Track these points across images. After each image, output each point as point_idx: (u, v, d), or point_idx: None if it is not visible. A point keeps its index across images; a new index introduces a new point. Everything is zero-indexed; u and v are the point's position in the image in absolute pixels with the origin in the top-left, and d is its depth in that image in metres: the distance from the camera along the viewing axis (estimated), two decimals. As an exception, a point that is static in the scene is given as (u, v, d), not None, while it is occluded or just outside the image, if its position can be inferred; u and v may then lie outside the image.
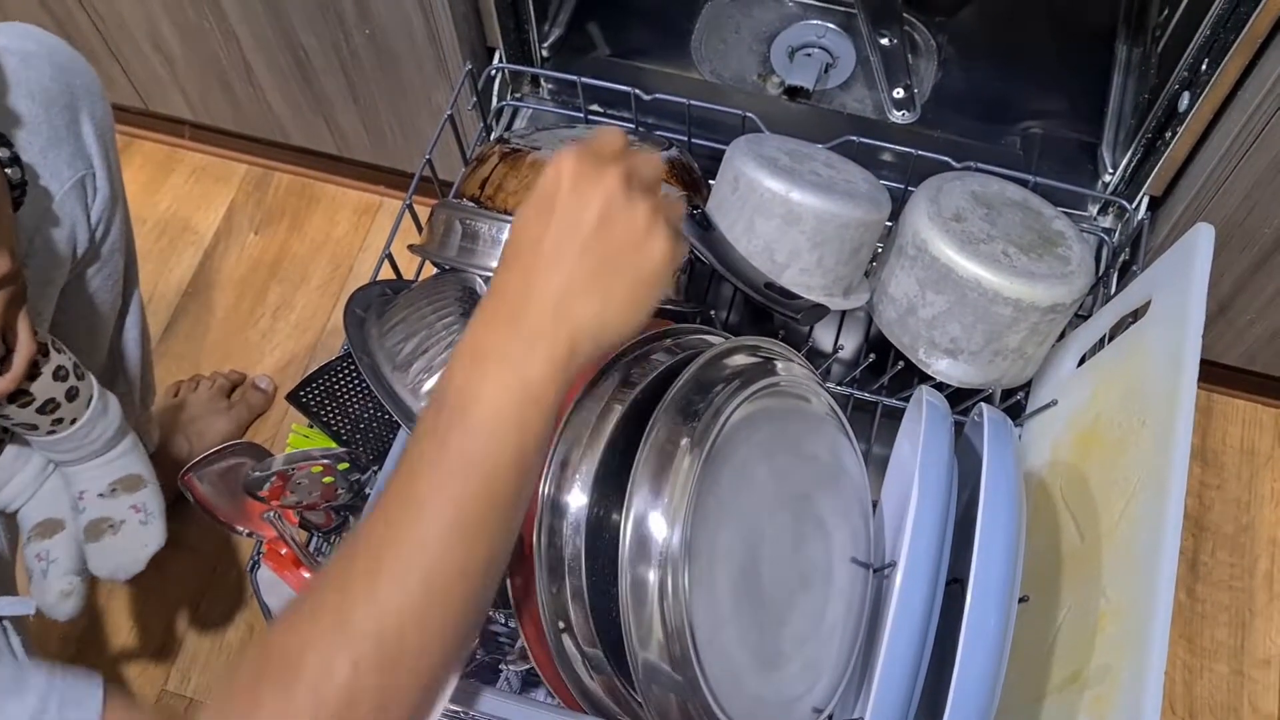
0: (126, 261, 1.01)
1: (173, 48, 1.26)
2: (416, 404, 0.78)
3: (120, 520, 0.89)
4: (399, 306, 0.84)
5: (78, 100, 0.89)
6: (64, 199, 0.89)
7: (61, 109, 0.87)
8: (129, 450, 0.90)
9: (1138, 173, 1.07)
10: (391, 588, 0.51)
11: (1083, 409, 0.89)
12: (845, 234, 0.90)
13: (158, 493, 0.92)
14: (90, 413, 0.83)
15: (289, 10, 1.12)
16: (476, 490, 0.53)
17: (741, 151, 0.92)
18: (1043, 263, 0.90)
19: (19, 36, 0.88)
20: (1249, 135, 0.91)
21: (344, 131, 1.31)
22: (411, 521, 0.52)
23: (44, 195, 0.87)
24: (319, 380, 0.83)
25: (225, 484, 0.82)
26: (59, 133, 0.87)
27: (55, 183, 0.88)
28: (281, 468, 0.77)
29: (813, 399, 0.86)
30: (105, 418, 0.86)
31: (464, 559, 0.53)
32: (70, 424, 0.82)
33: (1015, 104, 1.21)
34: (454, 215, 0.89)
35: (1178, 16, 1.06)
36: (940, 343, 0.93)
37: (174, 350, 1.38)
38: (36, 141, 0.86)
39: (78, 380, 0.82)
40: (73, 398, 0.81)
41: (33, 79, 0.86)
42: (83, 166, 0.89)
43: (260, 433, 1.32)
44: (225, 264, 1.44)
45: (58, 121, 0.87)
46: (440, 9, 1.05)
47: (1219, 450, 1.28)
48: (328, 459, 0.79)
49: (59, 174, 0.88)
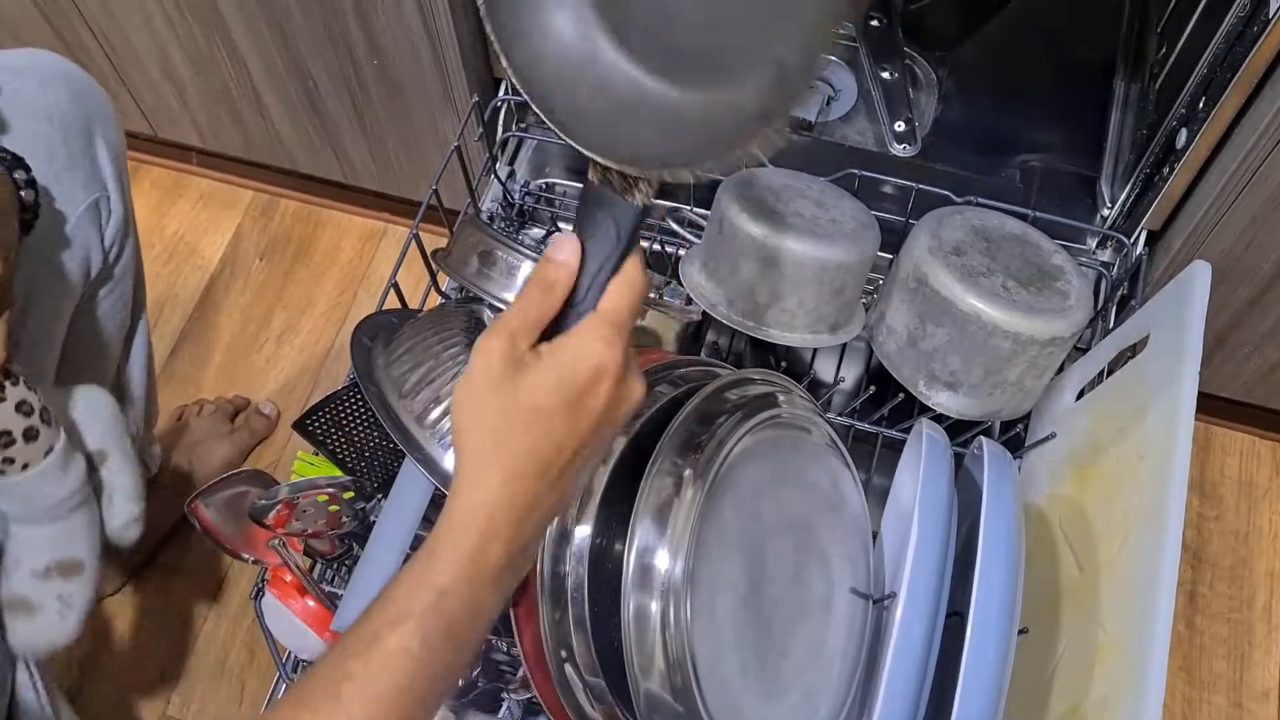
0: (135, 284, 1.02)
1: (182, 76, 1.27)
2: (422, 433, 0.79)
3: (39, 605, 0.81)
4: (406, 336, 0.85)
5: (93, 124, 0.90)
6: (79, 221, 0.89)
7: (78, 133, 0.89)
8: (80, 529, 0.81)
9: (1136, 207, 1.08)
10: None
11: (1082, 442, 0.90)
12: (824, 275, 0.91)
13: (90, 585, 0.83)
14: (47, 464, 0.76)
15: (298, 40, 1.14)
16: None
17: (728, 194, 0.93)
18: (1042, 297, 0.91)
19: (36, 61, 0.89)
20: (1246, 172, 0.92)
21: (351, 159, 1.33)
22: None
23: (59, 218, 0.88)
24: (325, 409, 0.84)
25: (231, 511, 0.82)
26: (75, 156, 0.88)
27: (70, 205, 0.88)
28: (287, 496, 0.78)
29: (814, 430, 0.87)
30: (63, 477, 0.78)
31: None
32: (21, 469, 0.75)
33: (1015, 137, 1.22)
34: (481, 237, 0.90)
35: (1175, 54, 1.08)
36: (940, 375, 0.93)
37: (179, 374, 1.39)
38: (53, 165, 0.87)
39: (42, 424, 0.75)
40: (30, 438, 0.75)
41: (50, 102, 0.87)
42: (97, 189, 0.90)
43: (263, 458, 1.33)
44: (231, 289, 1.45)
45: (74, 145, 0.88)
46: (448, 41, 1.07)
47: (1217, 482, 1.28)
48: (333, 487, 0.80)
49: (74, 197, 0.89)
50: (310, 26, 1.11)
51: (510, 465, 0.52)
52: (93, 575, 0.83)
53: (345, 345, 1.40)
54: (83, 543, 0.82)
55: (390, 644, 0.51)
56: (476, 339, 0.55)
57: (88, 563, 0.82)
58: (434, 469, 0.78)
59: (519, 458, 0.52)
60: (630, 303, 0.55)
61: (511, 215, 1.15)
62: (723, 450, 0.75)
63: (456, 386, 0.54)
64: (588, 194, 0.56)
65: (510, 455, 0.52)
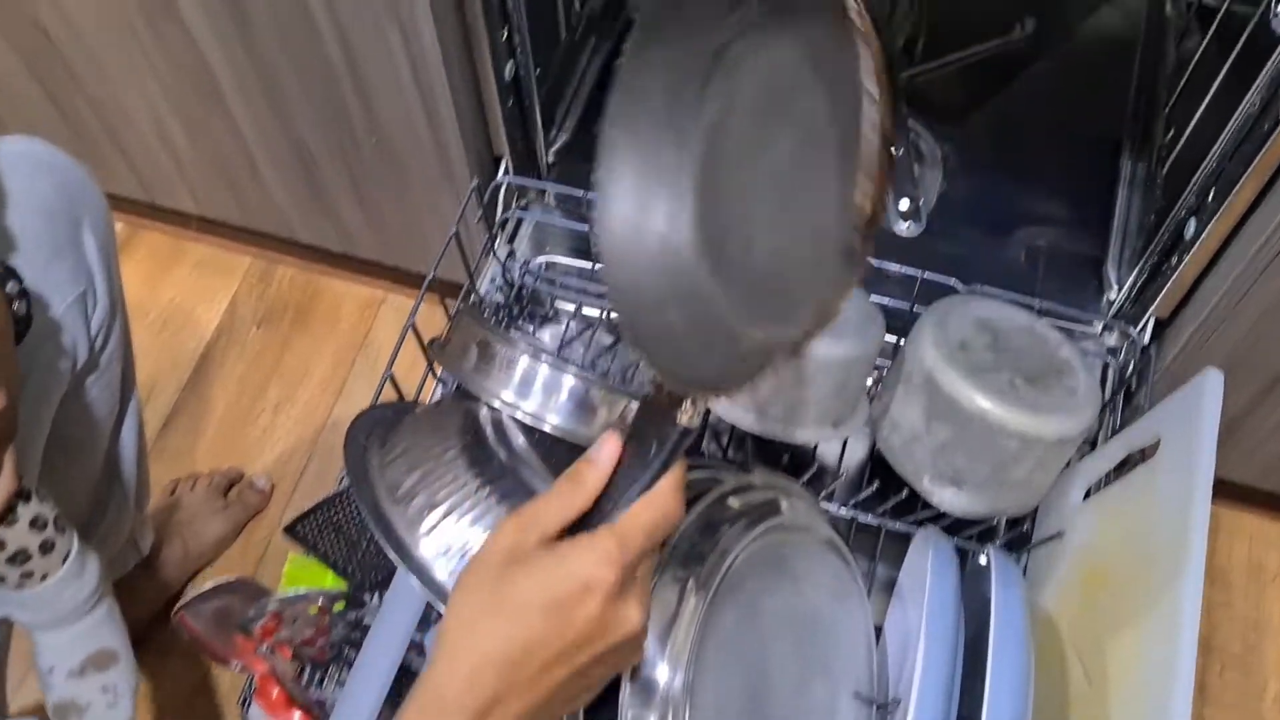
0: (124, 367, 1.01)
1: (179, 144, 1.26)
2: (415, 541, 0.77)
3: (87, 703, 0.83)
4: (401, 435, 0.83)
5: (81, 214, 0.89)
6: (65, 314, 0.88)
7: (65, 223, 0.87)
8: (104, 620, 0.84)
9: (1144, 292, 1.07)
10: None
11: (1090, 545, 0.88)
12: (827, 373, 0.89)
13: (130, 669, 0.86)
14: (64, 571, 0.78)
15: (296, 114, 1.13)
16: None
17: None
18: (1049, 394, 0.89)
19: (24, 151, 0.88)
20: (1257, 268, 0.91)
21: (349, 229, 1.32)
22: None
23: (44, 311, 0.86)
24: (317, 514, 0.82)
25: (218, 619, 0.80)
26: (61, 248, 0.87)
27: (57, 298, 0.87)
28: (276, 609, 0.76)
29: (816, 530, 0.85)
30: (80, 579, 0.80)
31: None
32: (40, 580, 0.77)
33: (1021, 214, 1.21)
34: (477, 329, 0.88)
35: (1183, 141, 1.07)
36: (945, 472, 0.91)
37: (172, 446, 1.37)
38: (39, 257, 0.85)
39: (56, 533, 0.77)
40: (47, 551, 0.77)
41: (37, 193, 0.86)
42: (84, 280, 0.89)
43: (256, 533, 1.31)
44: (227, 358, 1.43)
45: (61, 237, 0.87)
46: (448, 119, 1.06)
47: (1226, 567, 1.26)
48: (323, 598, 0.78)
49: (60, 289, 0.87)
50: (309, 101, 1.10)
51: (478, 656, 0.51)
52: (129, 658, 0.85)
53: (342, 418, 1.38)
54: (111, 631, 0.85)
55: None
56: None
57: (120, 649, 0.85)
58: (427, 579, 0.76)
59: (487, 651, 0.51)
60: (648, 525, 0.53)
61: (511, 295, 1.14)
62: (726, 560, 0.74)
63: (468, 560, 0.53)
64: (643, 405, 0.56)
65: (479, 645, 0.51)
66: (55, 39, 1.14)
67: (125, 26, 1.08)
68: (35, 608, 0.79)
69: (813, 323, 0.45)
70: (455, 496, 0.78)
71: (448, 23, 0.96)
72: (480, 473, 0.79)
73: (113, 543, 1.12)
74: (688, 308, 0.56)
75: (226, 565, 1.29)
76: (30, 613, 0.80)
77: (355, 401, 1.39)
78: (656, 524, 0.53)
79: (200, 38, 1.06)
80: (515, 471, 0.82)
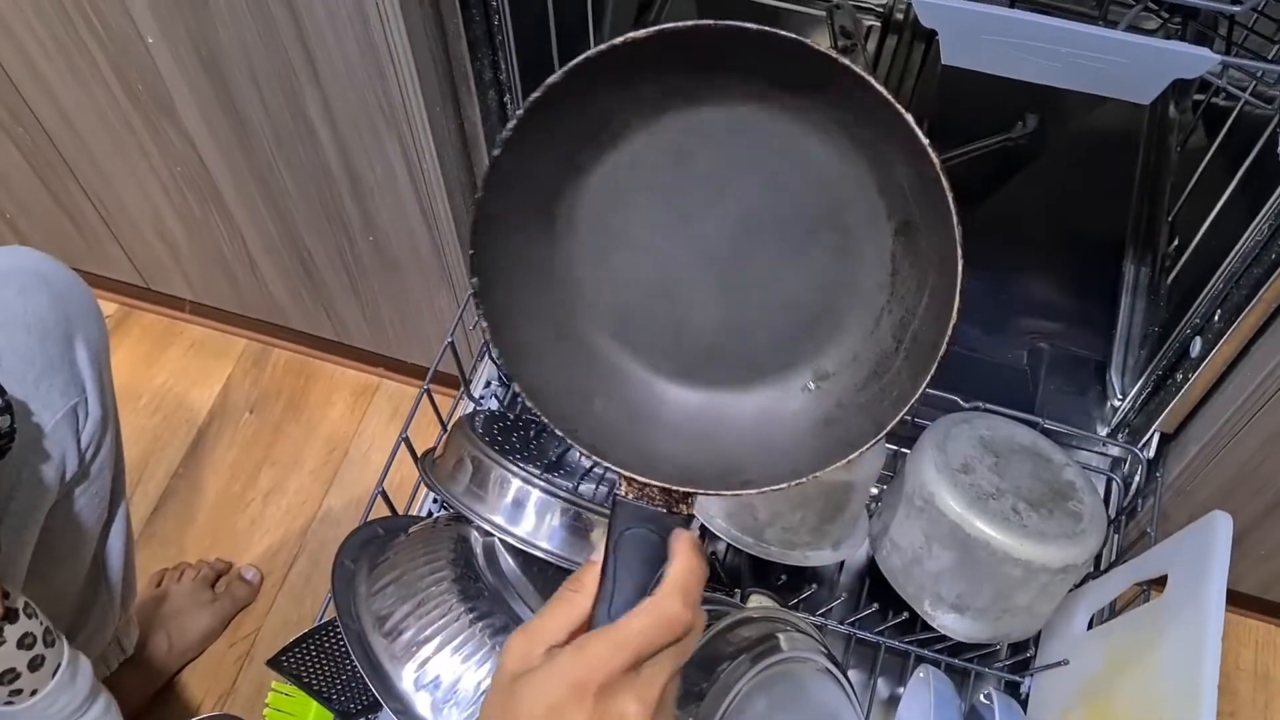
0: (115, 474, 0.99)
1: (176, 237, 1.25)
2: (400, 675, 0.75)
3: None
4: (391, 562, 0.82)
5: (73, 327, 0.88)
6: (55, 428, 0.87)
7: (57, 339, 0.86)
8: (100, 715, 0.84)
9: (1149, 404, 1.05)
10: None
11: (1095, 677, 0.86)
12: (828, 495, 0.88)
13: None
14: (55, 684, 0.78)
15: (294, 213, 1.12)
16: None
17: None
18: (1053, 520, 0.87)
19: (16, 263, 0.87)
20: (1266, 392, 0.89)
21: (344, 321, 1.30)
22: None
23: (34, 428, 0.85)
24: (302, 645, 0.80)
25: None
26: (53, 363, 0.86)
27: (47, 413, 0.86)
28: (258, 750, 0.74)
29: (814, 660, 0.83)
30: (72, 688, 0.80)
31: None
32: (30, 694, 0.77)
33: (1023, 314, 1.20)
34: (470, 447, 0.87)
35: (1187, 254, 1.06)
36: (946, 597, 0.90)
37: (160, 534, 1.35)
38: (30, 374, 0.84)
39: (45, 648, 0.77)
40: (36, 667, 0.76)
41: (29, 310, 0.85)
42: (75, 394, 0.88)
43: (243, 626, 1.28)
44: (219, 444, 1.41)
45: (52, 352, 0.86)
46: (444, 224, 1.05)
47: (1232, 674, 1.24)
48: (307, 738, 0.76)
49: (51, 404, 0.86)
50: (306, 202, 1.09)
51: None
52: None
53: (333, 509, 1.36)
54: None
55: None
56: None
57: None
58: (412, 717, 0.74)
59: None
60: (642, 628, 0.50)
61: (507, 397, 1.12)
62: (726, 698, 0.72)
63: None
64: (618, 505, 0.53)
65: None
66: (54, 135, 1.13)
67: (124, 125, 1.07)
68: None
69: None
70: (446, 632, 0.76)
71: (447, 131, 0.95)
72: (472, 607, 0.78)
73: (97, 643, 1.09)
74: (611, 392, 0.56)
75: (212, 659, 1.26)
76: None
77: (347, 492, 1.37)
78: (650, 627, 0.51)
79: (199, 140, 1.05)
80: (506, 602, 0.81)
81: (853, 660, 1.03)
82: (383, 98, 0.91)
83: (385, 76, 0.88)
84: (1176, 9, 1.09)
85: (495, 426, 0.94)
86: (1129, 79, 0.76)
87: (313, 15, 0.85)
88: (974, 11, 0.73)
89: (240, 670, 1.26)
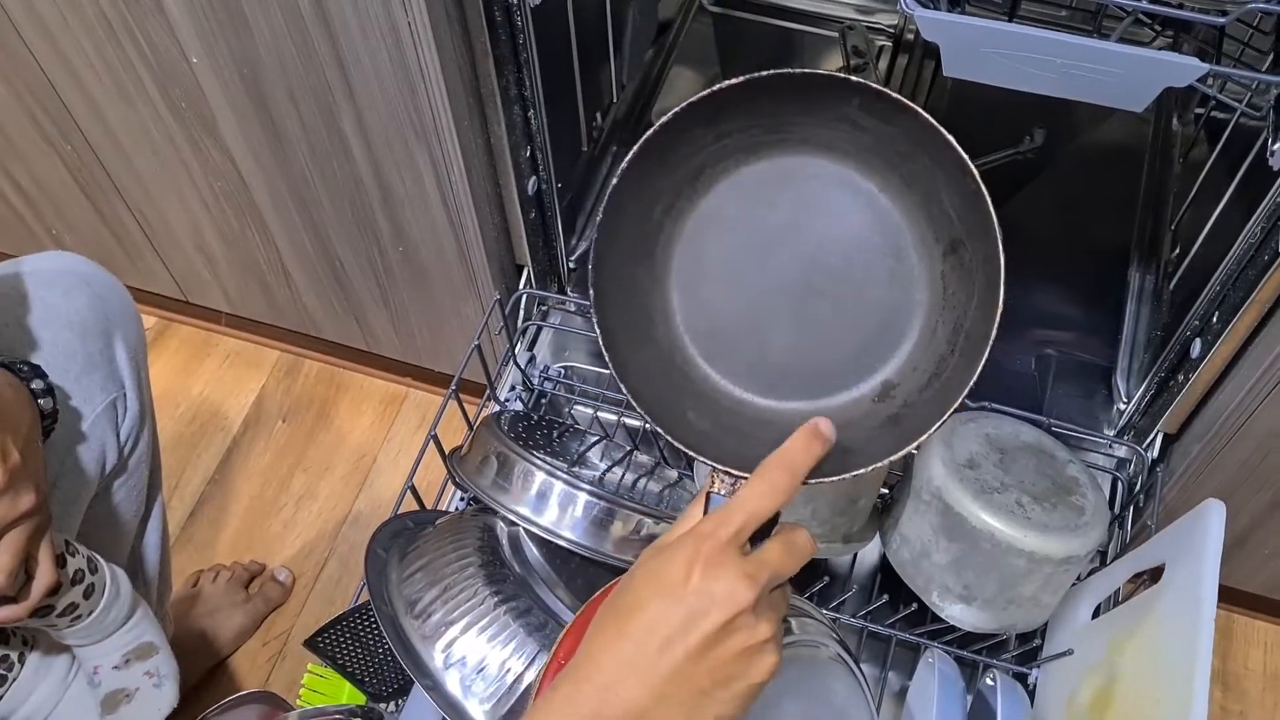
0: (151, 470, 1.04)
1: (214, 250, 1.30)
2: (430, 654, 0.79)
3: (135, 688, 0.90)
4: (420, 550, 0.86)
5: (113, 326, 0.93)
6: (95, 421, 0.92)
7: (97, 335, 0.91)
8: (140, 620, 0.89)
9: (1153, 405, 1.08)
10: None
11: (1099, 664, 0.88)
12: (839, 488, 0.91)
13: (169, 655, 0.93)
14: (105, 601, 0.83)
15: (327, 226, 1.17)
16: None
17: None
18: (1057, 513, 0.90)
19: (61, 266, 0.92)
20: (1263, 389, 0.93)
21: (374, 331, 1.35)
22: None
23: (76, 419, 0.90)
24: (337, 627, 0.84)
25: (239, 731, 0.82)
26: (93, 359, 0.91)
27: (88, 406, 0.91)
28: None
29: (826, 647, 0.86)
30: (119, 601, 0.85)
31: None
32: (87, 616, 0.83)
33: (1030, 321, 1.23)
34: (496, 443, 0.91)
35: (1188, 260, 1.09)
36: (954, 588, 0.93)
37: (196, 537, 1.40)
38: (72, 368, 0.89)
39: (93, 576, 0.82)
40: (89, 595, 0.82)
41: (71, 309, 0.90)
42: (114, 389, 0.93)
43: (276, 626, 1.33)
44: (253, 451, 1.46)
45: (93, 348, 0.91)
46: (472, 234, 1.09)
47: (1240, 675, 1.26)
48: (340, 714, 0.80)
49: (91, 398, 0.91)
50: (339, 215, 1.14)
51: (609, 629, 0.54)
52: (166, 648, 0.92)
53: (363, 512, 1.41)
54: (148, 627, 0.90)
55: None
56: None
57: (158, 641, 0.91)
58: (441, 696, 0.78)
59: (606, 612, 0.55)
60: (780, 553, 0.55)
61: (531, 400, 1.17)
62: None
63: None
64: (712, 503, 0.59)
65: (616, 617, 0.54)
66: (100, 152, 1.19)
67: (167, 142, 1.13)
68: (85, 634, 0.85)
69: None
70: (472, 615, 0.80)
71: (474, 145, 1.00)
72: (497, 590, 0.82)
73: (135, 638, 1.14)
74: (702, 407, 0.65)
75: (245, 657, 1.31)
76: (80, 638, 0.85)
77: (376, 497, 1.42)
78: (756, 494, 0.55)
79: (238, 155, 1.10)
80: (531, 588, 0.84)
81: (865, 654, 1.06)
82: (413, 113, 0.96)
83: (416, 92, 0.93)
84: (1169, 23, 1.13)
85: (520, 425, 0.98)
86: (1122, 88, 0.80)
87: (348, 34, 0.90)
88: (973, 26, 0.78)
89: (273, 668, 1.30)
